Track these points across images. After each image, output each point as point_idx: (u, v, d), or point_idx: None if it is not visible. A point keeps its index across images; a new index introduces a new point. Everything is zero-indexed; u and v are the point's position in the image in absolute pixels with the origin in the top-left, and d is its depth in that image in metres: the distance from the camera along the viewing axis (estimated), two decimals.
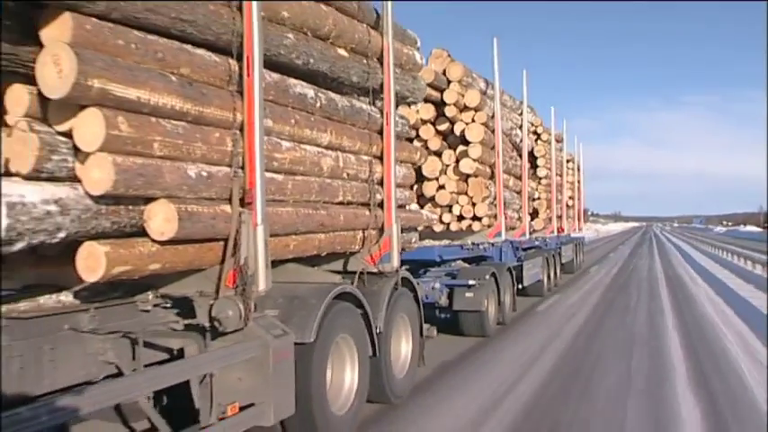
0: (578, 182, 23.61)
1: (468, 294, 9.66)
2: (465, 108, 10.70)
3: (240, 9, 4.26)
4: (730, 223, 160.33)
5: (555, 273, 17.16)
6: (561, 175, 19.12)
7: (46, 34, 3.20)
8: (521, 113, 13.90)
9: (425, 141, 10.66)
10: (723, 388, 7.01)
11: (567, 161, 20.66)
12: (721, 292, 16.51)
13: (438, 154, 10.78)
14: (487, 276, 9.99)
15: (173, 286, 4.36)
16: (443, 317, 9.74)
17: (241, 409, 4.10)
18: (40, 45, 3.25)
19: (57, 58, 3.10)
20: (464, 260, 11.05)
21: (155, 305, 4.41)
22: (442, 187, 10.76)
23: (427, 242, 10.34)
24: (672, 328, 11.00)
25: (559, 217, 18.82)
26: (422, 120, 10.67)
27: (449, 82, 10.64)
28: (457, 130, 10.72)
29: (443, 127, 10.81)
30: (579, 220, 23.91)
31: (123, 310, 4.32)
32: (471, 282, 9.66)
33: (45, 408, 2.98)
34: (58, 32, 3.18)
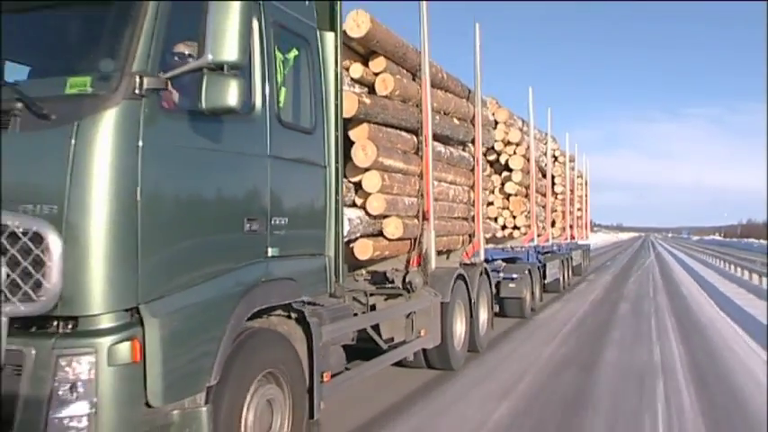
0: (585, 195, 26.73)
1: (511, 285, 12.80)
2: (508, 143, 13.90)
3: (419, 106, 7.44)
4: (717, 234, 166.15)
5: (568, 273, 20.33)
6: (573, 191, 22.25)
7: (354, 134, 6.36)
8: (545, 143, 17.12)
9: None
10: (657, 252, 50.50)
11: (577, 177, 23.81)
12: (666, 249, 69.74)
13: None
14: (525, 272, 13.16)
15: (374, 266, 7.52)
16: None
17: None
18: (347, 139, 6.40)
19: (364, 146, 6.27)
20: (503, 260, 14.21)
21: (363, 278, 7.58)
22: (490, 204, 13.94)
23: None
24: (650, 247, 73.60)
25: (571, 226, 21.94)
26: None
27: (496, 123, 13.81)
28: (502, 160, 13.93)
29: (492, 157, 14.01)
30: (586, 228, 27.04)
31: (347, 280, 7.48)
32: (515, 275, 12.82)
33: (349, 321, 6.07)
34: (360, 133, 6.35)
